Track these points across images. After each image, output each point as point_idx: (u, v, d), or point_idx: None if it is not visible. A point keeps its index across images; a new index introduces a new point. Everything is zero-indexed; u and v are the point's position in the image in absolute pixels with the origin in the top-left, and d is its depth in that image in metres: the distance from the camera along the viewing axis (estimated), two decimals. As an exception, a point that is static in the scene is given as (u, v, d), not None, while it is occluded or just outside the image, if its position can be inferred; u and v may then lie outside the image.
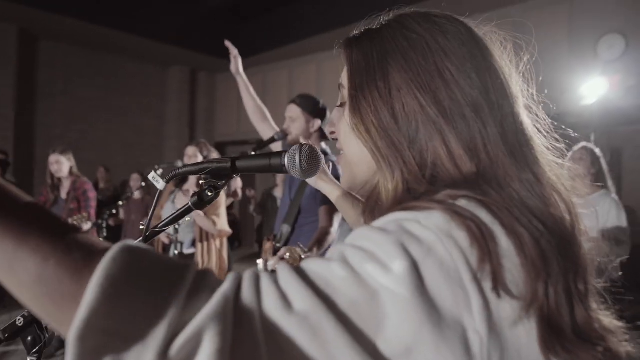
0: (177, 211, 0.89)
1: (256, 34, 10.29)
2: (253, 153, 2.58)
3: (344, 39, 0.77)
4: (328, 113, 2.82)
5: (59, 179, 4.34)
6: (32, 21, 8.97)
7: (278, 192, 6.22)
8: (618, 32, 6.31)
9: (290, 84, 10.73)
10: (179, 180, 3.88)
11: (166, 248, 3.84)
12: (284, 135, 2.70)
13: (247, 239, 11.53)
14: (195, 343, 0.41)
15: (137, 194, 6.40)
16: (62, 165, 4.28)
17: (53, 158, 4.30)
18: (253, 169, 0.91)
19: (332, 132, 0.83)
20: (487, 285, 0.50)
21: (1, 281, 0.46)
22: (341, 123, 0.77)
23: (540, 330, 0.51)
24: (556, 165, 0.68)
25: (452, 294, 0.48)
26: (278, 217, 2.87)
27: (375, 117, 0.67)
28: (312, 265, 0.51)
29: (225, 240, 3.84)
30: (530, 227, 0.54)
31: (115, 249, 0.45)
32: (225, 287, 0.46)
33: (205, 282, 0.47)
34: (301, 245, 2.10)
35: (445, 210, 0.53)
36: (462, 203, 0.55)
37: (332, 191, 1.37)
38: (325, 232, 2.47)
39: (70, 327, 0.40)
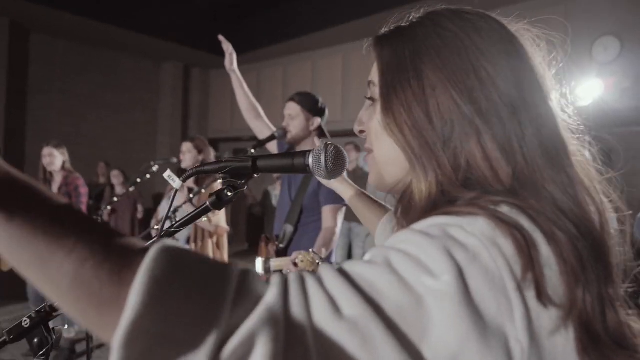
0: (193, 211, 0.87)
1: (251, 30, 10.22)
2: (252, 151, 2.56)
3: (373, 37, 0.75)
4: (327, 112, 2.80)
5: (51, 173, 4.29)
6: (25, 14, 8.86)
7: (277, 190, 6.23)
8: (613, 34, 6.34)
9: (285, 82, 10.70)
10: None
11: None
12: (283, 133, 2.68)
13: (239, 236, 11.50)
14: (247, 348, 0.40)
15: (119, 190, 6.36)
16: (54, 158, 4.23)
17: (46, 151, 4.24)
18: (274, 168, 0.89)
19: (362, 131, 0.81)
20: (530, 294, 0.49)
21: (36, 284, 0.44)
22: (372, 122, 0.76)
23: (578, 337, 0.51)
24: (587, 166, 0.67)
25: (496, 302, 0.48)
26: (277, 216, 2.84)
27: (408, 116, 0.66)
28: (357, 268, 0.50)
29: (224, 238, 3.78)
30: (567, 231, 0.54)
31: (155, 249, 0.43)
32: (273, 291, 0.45)
33: (250, 284, 0.46)
34: (314, 251, 2.09)
35: (489, 217, 0.52)
36: (505, 209, 0.54)
37: (345, 190, 1.36)
38: (332, 233, 2.45)
39: (115, 331, 0.39)
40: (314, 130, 2.74)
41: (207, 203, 0.85)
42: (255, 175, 0.88)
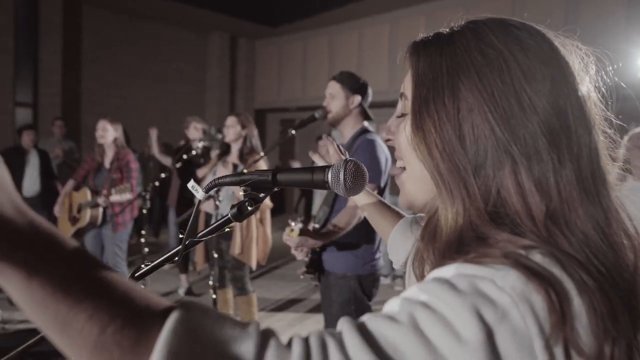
0: (216, 221, 0.87)
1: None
2: (293, 132, 2.55)
3: (411, 43, 0.70)
4: (369, 90, 2.75)
5: (103, 147, 4.42)
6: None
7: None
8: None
9: (331, 51, 10.58)
10: (222, 152, 3.90)
11: (208, 219, 3.90)
12: (324, 113, 2.66)
13: (290, 207, 11.67)
14: None
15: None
16: (107, 132, 4.34)
17: (100, 124, 4.36)
18: (294, 182, 0.88)
19: (389, 140, 0.77)
20: (558, 350, 0.48)
21: (57, 344, 0.44)
22: (400, 135, 0.72)
23: None
24: (626, 201, 0.62)
25: None
26: (315, 196, 2.85)
27: (439, 137, 0.61)
28: (380, 327, 0.48)
29: (267, 214, 3.85)
30: (599, 278, 0.52)
31: (174, 318, 0.43)
32: (295, 355, 0.44)
33: (271, 348, 0.45)
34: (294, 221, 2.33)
35: (521, 270, 0.50)
36: (537, 258, 0.52)
37: (360, 197, 1.31)
38: (350, 213, 2.43)
39: None
40: (354, 108, 2.70)
41: (229, 215, 0.85)
42: (275, 189, 0.87)
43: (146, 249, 4.37)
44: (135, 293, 0.45)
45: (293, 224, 2.35)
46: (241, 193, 0.86)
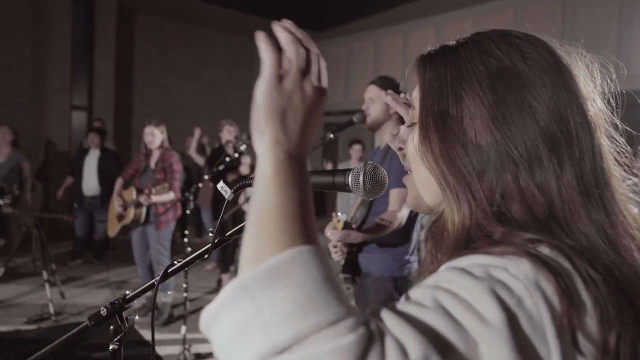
0: (244, 223, 0.91)
1: (341, 3, 10.15)
2: (332, 136, 2.58)
3: (418, 56, 0.73)
4: (408, 96, 2.74)
5: (150, 149, 4.61)
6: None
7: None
8: None
9: (376, 55, 10.55)
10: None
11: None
12: (363, 117, 2.66)
13: (331, 207, 11.69)
14: None
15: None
16: (155, 137, 4.54)
17: (148, 130, 4.57)
18: (316, 185, 0.91)
19: (400, 149, 0.80)
20: (567, 339, 0.49)
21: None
22: (409, 144, 0.74)
23: None
24: (631, 204, 0.63)
25: (537, 348, 0.48)
26: (338, 198, 2.85)
27: (443, 145, 0.64)
28: (414, 312, 0.49)
29: (335, 218, 3.90)
30: (603, 273, 0.53)
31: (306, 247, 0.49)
32: (360, 333, 0.44)
33: (348, 319, 0.46)
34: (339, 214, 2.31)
35: (532, 259, 0.51)
36: (546, 251, 0.53)
37: None
38: (391, 217, 2.43)
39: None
40: (394, 113, 2.69)
41: None
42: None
43: (189, 249, 4.50)
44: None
45: (339, 214, 2.36)
46: None
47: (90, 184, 6.59)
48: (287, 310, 0.44)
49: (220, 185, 0.93)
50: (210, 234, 0.90)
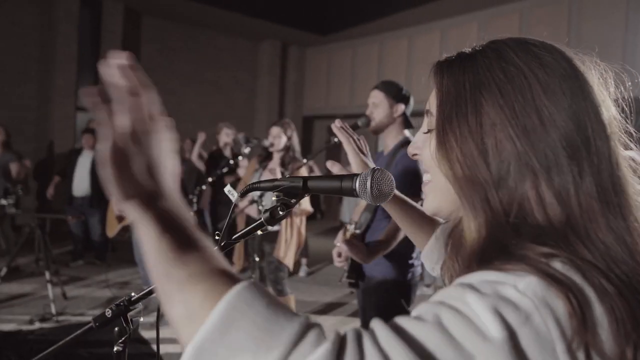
0: (250, 226, 0.92)
1: (346, 7, 10.16)
2: (336, 140, 2.58)
3: (435, 63, 0.73)
4: (412, 100, 2.75)
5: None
6: (136, -2, 9.49)
7: None
8: None
9: (380, 59, 10.58)
10: (263, 158, 4.00)
11: (251, 223, 3.99)
12: (367, 121, 2.67)
13: (330, 212, 11.70)
14: None
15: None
16: None
17: None
18: (324, 189, 0.92)
19: (415, 155, 0.80)
20: (580, 355, 0.49)
21: (160, 296, 0.56)
22: (425, 150, 0.75)
23: None
24: None
25: None
26: (344, 202, 2.85)
27: (461, 152, 0.64)
28: (408, 325, 0.50)
29: (304, 218, 3.94)
30: (619, 285, 0.53)
31: (238, 287, 0.52)
32: (327, 346, 0.47)
33: (313, 331, 0.49)
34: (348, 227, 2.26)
35: (542, 277, 0.51)
36: (557, 265, 0.53)
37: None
38: (394, 228, 2.43)
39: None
40: (397, 117, 2.70)
41: (262, 219, 0.89)
42: (305, 195, 0.91)
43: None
44: (224, 265, 0.57)
45: (352, 226, 2.36)
46: (274, 198, 0.90)
47: (81, 184, 6.56)
48: (251, 349, 0.47)
49: (228, 189, 0.94)
50: (217, 237, 0.90)
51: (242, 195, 0.91)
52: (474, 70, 0.67)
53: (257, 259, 3.61)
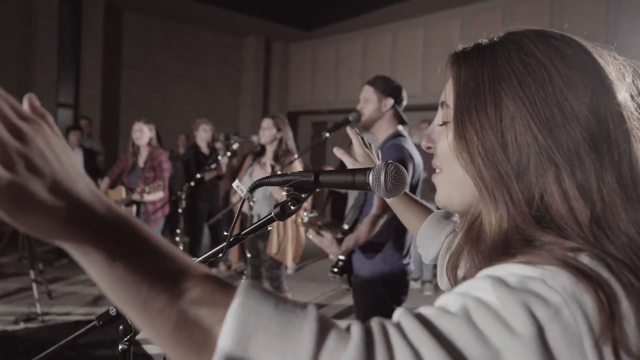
0: (259, 220, 0.91)
1: (331, 2, 10.15)
2: (327, 135, 2.58)
3: (452, 53, 0.72)
4: (404, 93, 2.75)
5: (138, 147, 4.61)
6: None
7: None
8: None
9: (364, 54, 10.58)
10: (256, 153, 3.98)
11: (243, 219, 3.97)
12: (358, 116, 2.67)
13: (318, 208, 11.69)
14: None
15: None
16: (143, 134, 4.55)
17: (137, 126, 4.57)
18: (336, 184, 0.91)
19: (429, 147, 0.79)
20: (607, 349, 0.49)
21: (136, 323, 0.49)
22: (442, 142, 0.73)
23: None
24: None
25: (572, 359, 0.48)
26: (349, 197, 2.86)
27: (482, 144, 0.63)
28: (436, 317, 0.50)
29: (301, 212, 3.91)
30: None
31: (243, 288, 0.49)
32: (356, 343, 0.46)
33: (330, 332, 0.47)
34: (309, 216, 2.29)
35: (571, 271, 0.51)
36: (585, 260, 0.53)
37: None
38: (371, 222, 2.42)
39: None
40: (386, 111, 2.70)
41: (272, 214, 0.88)
42: (317, 190, 0.90)
43: (180, 247, 4.47)
44: (207, 272, 0.51)
45: (305, 213, 2.35)
46: (284, 193, 0.89)
47: None
48: (279, 347, 0.45)
49: (236, 184, 0.93)
50: (225, 234, 0.89)
51: (251, 190, 0.90)
52: (492, 62, 0.66)
53: (248, 255, 3.60)
